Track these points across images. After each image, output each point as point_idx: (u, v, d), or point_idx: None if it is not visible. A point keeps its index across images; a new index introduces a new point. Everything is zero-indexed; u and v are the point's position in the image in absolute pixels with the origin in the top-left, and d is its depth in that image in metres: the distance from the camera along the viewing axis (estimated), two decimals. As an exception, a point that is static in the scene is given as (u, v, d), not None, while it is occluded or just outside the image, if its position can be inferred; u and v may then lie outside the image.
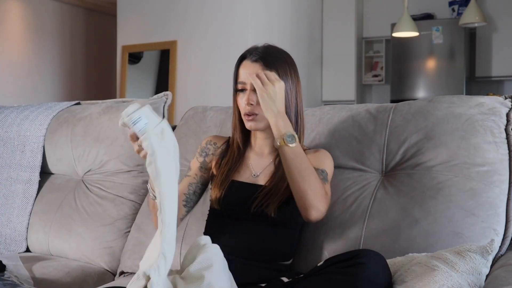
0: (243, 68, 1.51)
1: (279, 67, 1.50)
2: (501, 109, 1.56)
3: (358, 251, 1.21)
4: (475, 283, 1.16)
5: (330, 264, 1.21)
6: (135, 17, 4.93)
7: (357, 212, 1.55)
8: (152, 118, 1.16)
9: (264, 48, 1.53)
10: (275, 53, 1.53)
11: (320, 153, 1.54)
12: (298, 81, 1.55)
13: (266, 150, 1.56)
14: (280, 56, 1.53)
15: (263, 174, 1.53)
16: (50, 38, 6.10)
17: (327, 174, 1.49)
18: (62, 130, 2.13)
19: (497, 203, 1.44)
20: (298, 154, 1.40)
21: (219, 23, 4.55)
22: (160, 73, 4.88)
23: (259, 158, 1.56)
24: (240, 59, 1.53)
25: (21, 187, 2.09)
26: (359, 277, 1.14)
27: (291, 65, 1.54)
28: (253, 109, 1.48)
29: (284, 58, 1.53)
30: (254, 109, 1.48)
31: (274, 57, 1.51)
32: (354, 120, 1.67)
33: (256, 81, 1.42)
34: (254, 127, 1.50)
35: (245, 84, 1.49)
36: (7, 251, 2.02)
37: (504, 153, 1.50)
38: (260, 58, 1.49)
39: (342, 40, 5.77)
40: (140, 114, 1.15)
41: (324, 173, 1.48)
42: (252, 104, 1.48)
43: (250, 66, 1.49)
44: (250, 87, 1.48)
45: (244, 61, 1.51)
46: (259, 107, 1.46)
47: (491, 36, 5.46)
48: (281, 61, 1.52)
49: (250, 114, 1.48)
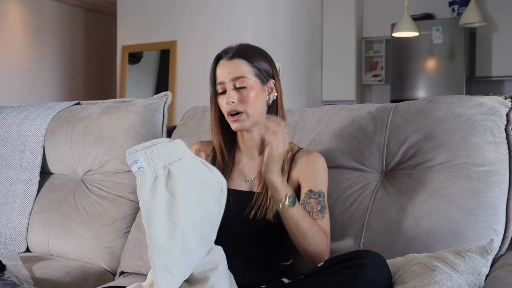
0: (221, 68, 1.47)
1: (259, 62, 1.48)
2: (501, 109, 1.56)
3: (358, 252, 1.21)
4: (475, 283, 1.16)
5: (330, 265, 1.21)
6: (135, 17, 4.93)
7: (357, 212, 1.55)
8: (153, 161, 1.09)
9: (239, 45, 1.50)
10: (251, 49, 1.50)
11: (314, 164, 1.49)
12: (278, 77, 1.53)
13: (256, 152, 1.53)
14: (258, 52, 1.50)
15: (257, 178, 1.51)
16: (50, 38, 6.10)
17: (324, 195, 1.46)
18: (62, 130, 2.12)
19: (497, 203, 1.44)
20: (300, 216, 1.38)
21: (219, 23, 4.55)
22: (160, 73, 4.88)
23: (250, 161, 1.54)
24: (215, 60, 1.49)
25: (21, 187, 2.09)
26: (359, 278, 1.13)
27: (270, 61, 1.52)
28: (235, 106, 1.44)
29: (262, 54, 1.51)
30: (236, 107, 1.44)
31: (251, 52, 1.49)
32: (354, 120, 1.67)
33: (274, 137, 1.34)
34: (240, 127, 1.46)
35: (224, 84, 1.46)
36: (7, 251, 2.02)
37: (504, 153, 1.50)
38: (236, 55, 1.46)
39: (342, 40, 5.77)
40: (137, 157, 1.09)
41: (321, 196, 1.46)
42: (233, 102, 1.44)
43: (227, 64, 1.46)
44: (229, 86, 1.45)
45: (221, 61, 1.48)
46: (241, 104, 1.44)
47: (491, 36, 5.46)
48: (260, 56, 1.49)
49: (234, 113, 1.45)
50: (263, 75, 1.48)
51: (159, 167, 1.10)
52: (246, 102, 1.44)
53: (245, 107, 1.44)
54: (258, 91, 1.46)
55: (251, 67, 1.46)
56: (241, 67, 1.45)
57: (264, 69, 1.48)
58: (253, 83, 1.46)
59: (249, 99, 1.44)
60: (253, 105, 1.45)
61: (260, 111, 1.48)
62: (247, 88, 1.45)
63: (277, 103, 1.50)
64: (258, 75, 1.47)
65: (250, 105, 1.45)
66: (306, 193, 1.46)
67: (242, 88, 1.45)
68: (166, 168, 1.10)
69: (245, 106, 1.44)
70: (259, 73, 1.47)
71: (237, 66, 1.45)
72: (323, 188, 1.48)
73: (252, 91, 1.45)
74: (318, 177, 1.48)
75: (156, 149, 1.10)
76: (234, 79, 1.45)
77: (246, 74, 1.45)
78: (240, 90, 1.45)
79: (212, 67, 1.50)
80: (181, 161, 1.13)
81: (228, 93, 1.45)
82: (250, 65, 1.46)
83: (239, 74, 1.45)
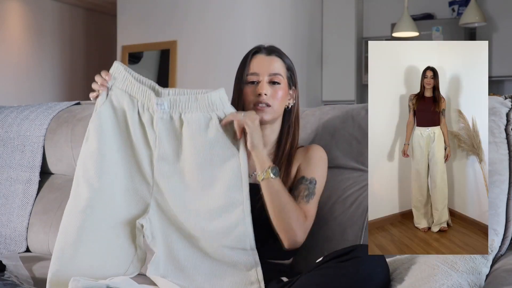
0: (258, 61, 1.54)
1: (291, 67, 1.58)
2: (501, 109, 1.55)
3: (355, 246, 1.23)
4: (475, 282, 1.16)
5: (328, 260, 1.22)
6: (135, 17, 4.93)
7: (357, 212, 1.55)
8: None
9: (274, 46, 1.60)
10: (286, 55, 1.60)
11: (311, 153, 1.54)
12: (297, 88, 1.62)
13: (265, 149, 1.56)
14: (289, 59, 1.60)
15: None
16: (50, 38, 6.10)
17: (315, 184, 1.50)
18: (62, 130, 2.12)
19: (497, 203, 1.44)
20: (280, 188, 1.42)
21: (219, 23, 4.55)
22: (160, 73, 4.87)
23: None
24: (252, 53, 1.56)
25: (21, 187, 2.09)
26: (356, 271, 1.15)
27: (295, 70, 1.62)
28: (267, 99, 1.51)
29: (291, 63, 1.60)
30: (267, 99, 1.51)
31: (284, 55, 1.59)
32: (354, 120, 1.67)
33: (247, 121, 1.41)
34: (262, 118, 1.51)
35: (259, 76, 1.53)
36: (7, 251, 2.02)
37: (504, 153, 1.50)
38: (275, 52, 1.56)
39: (342, 40, 5.77)
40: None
41: (313, 183, 1.49)
42: (266, 94, 1.51)
43: (266, 59, 1.54)
44: (265, 79, 1.52)
45: (258, 55, 1.55)
46: (272, 99, 1.51)
47: (491, 36, 5.46)
48: (291, 63, 1.60)
49: (263, 104, 1.51)
50: (291, 80, 1.58)
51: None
52: (276, 98, 1.52)
53: (274, 102, 1.52)
54: (286, 92, 1.55)
55: (285, 69, 1.56)
56: (280, 65, 1.55)
57: (293, 75, 1.58)
58: (284, 83, 1.55)
59: (279, 96, 1.52)
60: (280, 103, 1.53)
61: (282, 111, 1.56)
62: (281, 85, 1.53)
63: (292, 111, 1.57)
64: (288, 77, 1.56)
65: (278, 101, 1.52)
66: (298, 179, 1.51)
67: (277, 84, 1.53)
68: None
69: (274, 101, 1.52)
70: (290, 77, 1.57)
71: (276, 62, 1.55)
72: (317, 176, 1.51)
73: (283, 90, 1.54)
74: (313, 165, 1.52)
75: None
76: (271, 74, 1.53)
77: (282, 73, 1.54)
78: (273, 85, 1.52)
79: (248, 58, 1.56)
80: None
81: (262, 85, 1.52)
82: (285, 66, 1.56)
83: (277, 70, 1.54)
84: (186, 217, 1.43)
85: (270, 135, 1.57)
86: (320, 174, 1.52)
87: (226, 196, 1.40)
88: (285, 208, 1.41)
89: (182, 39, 4.70)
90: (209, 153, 1.40)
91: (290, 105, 1.58)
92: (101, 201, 1.43)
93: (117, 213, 1.44)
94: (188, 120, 1.40)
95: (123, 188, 1.44)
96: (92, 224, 1.42)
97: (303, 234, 1.44)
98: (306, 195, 1.47)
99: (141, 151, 1.43)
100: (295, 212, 1.42)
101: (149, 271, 1.42)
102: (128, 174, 1.45)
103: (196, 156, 1.40)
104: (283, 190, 1.43)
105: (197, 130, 1.40)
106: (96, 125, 1.43)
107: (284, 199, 1.42)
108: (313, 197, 1.48)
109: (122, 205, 1.44)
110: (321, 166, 1.53)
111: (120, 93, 1.45)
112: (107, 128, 1.43)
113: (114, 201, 1.44)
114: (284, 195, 1.42)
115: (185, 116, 1.40)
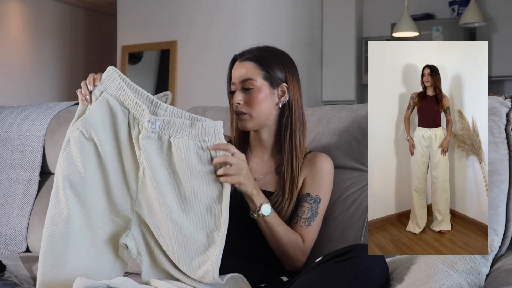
0: (234, 69, 1.53)
1: (270, 65, 1.51)
2: (501, 109, 1.55)
3: (354, 246, 1.22)
4: (475, 282, 1.16)
5: (328, 259, 1.22)
6: (135, 17, 4.93)
7: (357, 212, 1.55)
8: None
9: (255, 48, 1.55)
10: (266, 52, 1.54)
11: (318, 166, 1.51)
12: (298, 82, 1.55)
13: (266, 153, 1.56)
14: (272, 55, 1.53)
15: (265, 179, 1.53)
16: (50, 38, 6.10)
17: (319, 202, 1.48)
18: (62, 130, 2.12)
19: (497, 203, 1.44)
20: (275, 223, 1.41)
21: (219, 23, 4.55)
22: (160, 73, 4.87)
23: (261, 161, 1.57)
24: (231, 62, 1.56)
25: (21, 187, 2.08)
26: (355, 270, 1.15)
27: (286, 65, 1.54)
28: (241, 107, 1.49)
29: (277, 57, 1.53)
30: (241, 108, 1.49)
31: (264, 55, 1.52)
32: (354, 120, 1.67)
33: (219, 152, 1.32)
34: (242, 126, 1.51)
35: (235, 85, 1.52)
36: (7, 251, 2.02)
37: (504, 153, 1.50)
38: (248, 58, 1.51)
39: (342, 40, 5.76)
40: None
41: (317, 202, 1.48)
42: (238, 103, 1.49)
43: (239, 66, 1.52)
44: (238, 87, 1.51)
45: (236, 63, 1.54)
46: (246, 106, 1.49)
47: (491, 36, 5.46)
48: (273, 60, 1.52)
49: (239, 113, 1.50)
50: (273, 78, 1.51)
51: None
52: (250, 104, 1.49)
53: (250, 109, 1.49)
54: (266, 94, 1.50)
55: (259, 70, 1.50)
56: (250, 70, 1.50)
57: (275, 72, 1.51)
58: (260, 85, 1.49)
59: (254, 101, 1.49)
60: (258, 107, 1.49)
61: (266, 113, 1.51)
62: (254, 90, 1.49)
63: (289, 106, 1.52)
64: (267, 78, 1.50)
65: (254, 106, 1.49)
66: (303, 195, 1.49)
67: (249, 89, 1.49)
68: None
69: (250, 108, 1.49)
70: (269, 76, 1.50)
71: (247, 68, 1.50)
72: (322, 193, 1.50)
73: (259, 93, 1.49)
74: (319, 181, 1.50)
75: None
76: (242, 81, 1.50)
77: (253, 76, 1.49)
78: (247, 92, 1.49)
79: (228, 68, 1.56)
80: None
81: (236, 94, 1.51)
82: (259, 68, 1.50)
83: (247, 76, 1.50)
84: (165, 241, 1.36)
85: (268, 140, 1.55)
86: (325, 191, 1.51)
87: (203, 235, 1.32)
88: (282, 241, 1.42)
89: (182, 39, 4.70)
90: (192, 183, 1.32)
91: (282, 102, 1.52)
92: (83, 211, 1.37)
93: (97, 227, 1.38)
94: (177, 144, 1.32)
95: (105, 202, 1.38)
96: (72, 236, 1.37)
97: (302, 258, 1.45)
98: (308, 218, 1.46)
99: (128, 165, 1.37)
100: (292, 243, 1.43)
101: (143, 277, 1.40)
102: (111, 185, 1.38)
103: (177, 182, 1.33)
104: (278, 225, 1.41)
105: (185, 158, 1.31)
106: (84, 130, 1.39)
107: (280, 233, 1.41)
108: (315, 218, 1.48)
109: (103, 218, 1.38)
110: (327, 182, 1.52)
111: (113, 100, 1.40)
112: (96, 131, 1.38)
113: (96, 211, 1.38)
114: (279, 229, 1.41)
115: (174, 139, 1.32)
